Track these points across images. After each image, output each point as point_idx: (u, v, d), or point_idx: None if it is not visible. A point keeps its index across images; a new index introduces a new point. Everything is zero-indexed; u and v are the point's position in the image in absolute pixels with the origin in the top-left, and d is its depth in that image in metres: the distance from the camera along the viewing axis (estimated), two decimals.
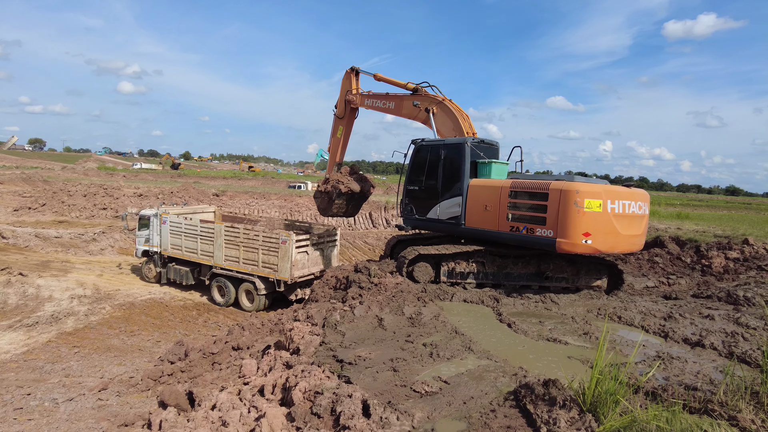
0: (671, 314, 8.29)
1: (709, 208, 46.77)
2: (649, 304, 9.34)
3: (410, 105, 11.90)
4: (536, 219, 9.12)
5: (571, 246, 8.73)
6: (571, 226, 8.65)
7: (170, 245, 18.23)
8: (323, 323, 6.82)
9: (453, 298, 9.01)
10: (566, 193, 8.69)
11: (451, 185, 10.47)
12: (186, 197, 33.10)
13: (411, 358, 5.69)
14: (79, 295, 15.51)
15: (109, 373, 10.33)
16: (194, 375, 8.46)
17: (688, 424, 3.80)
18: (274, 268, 15.47)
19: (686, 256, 14.41)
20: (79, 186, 33.82)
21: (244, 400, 5.23)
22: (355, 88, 13.38)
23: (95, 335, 12.95)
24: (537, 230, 9.08)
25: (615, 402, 4.04)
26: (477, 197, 10.04)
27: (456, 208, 10.34)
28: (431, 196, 10.82)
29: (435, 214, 10.75)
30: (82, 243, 22.75)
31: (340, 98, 13.73)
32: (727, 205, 59.55)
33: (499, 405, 4.56)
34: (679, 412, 3.96)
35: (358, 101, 13.33)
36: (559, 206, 8.73)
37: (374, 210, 33.06)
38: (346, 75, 13.60)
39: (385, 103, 12.70)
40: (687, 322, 7.95)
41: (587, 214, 8.61)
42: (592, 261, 10.27)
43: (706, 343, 6.80)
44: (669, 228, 19.10)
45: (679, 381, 5.35)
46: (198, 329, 14.54)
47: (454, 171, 10.42)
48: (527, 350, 6.48)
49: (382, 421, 4.05)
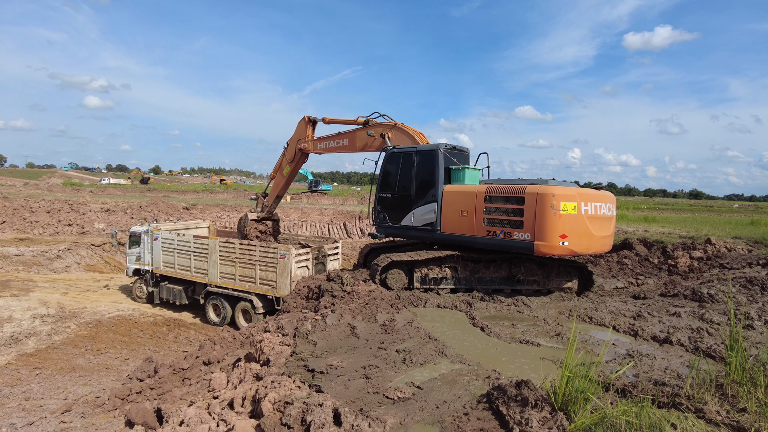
0: (640, 313, 8.45)
1: (674, 212, 48.25)
2: (619, 304, 9.50)
3: (364, 136, 12.19)
4: (513, 223, 9.19)
5: (549, 248, 8.84)
6: (548, 229, 8.77)
7: (162, 263, 17.53)
8: (294, 333, 6.69)
9: (426, 304, 8.98)
10: (543, 196, 8.81)
11: (425, 192, 10.42)
12: (155, 212, 32.37)
13: (384, 365, 5.62)
14: (42, 315, 14.90)
15: (74, 394, 9.94)
16: (163, 392, 8.20)
17: (656, 418, 3.84)
18: (272, 284, 14.78)
19: (653, 257, 14.77)
20: (42, 202, 32.71)
21: (213, 414, 5.07)
22: (310, 135, 13.94)
23: (59, 355, 12.45)
24: (514, 234, 9.15)
25: (586, 399, 4.06)
26: (452, 203, 10.03)
27: (431, 215, 10.29)
28: (405, 204, 10.74)
29: (409, 222, 10.67)
30: (45, 260, 21.94)
31: (292, 144, 14.41)
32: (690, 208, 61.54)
33: (472, 408, 4.53)
34: (648, 407, 4.00)
35: (311, 147, 13.88)
36: (536, 209, 8.84)
37: (348, 220, 32.95)
38: (302, 123, 14.09)
39: (338, 141, 13.06)
40: (655, 321, 8.11)
41: (563, 216, 8.76)
42: (562, 264, 10.41)
43: (673, 339, 6.94)
44: (637, 231, 19.57)
45: (649, 377, 5.43)
46: (168, 345, 14.15)
47: (428, 177, 10.38)
48: (500, 353, 6.49)
49: (354, 429, 3.96)
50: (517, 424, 4.01)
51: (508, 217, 9.29)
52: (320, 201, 50.25)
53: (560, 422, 3.88)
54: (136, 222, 28.40)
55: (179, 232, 17.44)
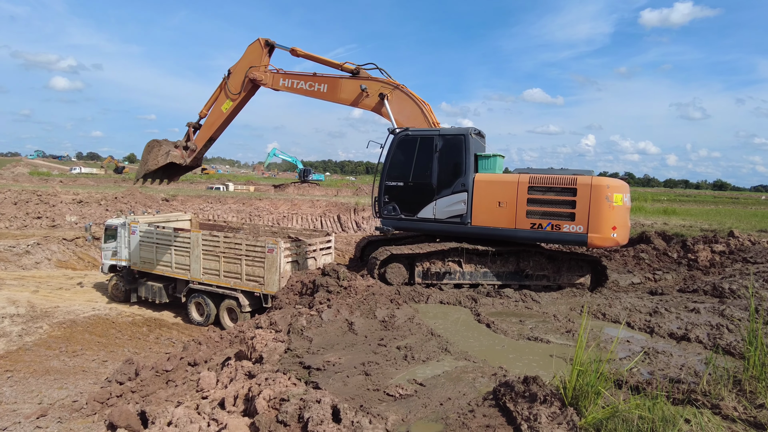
0: (657, 309, 8.64)
1: (696, 204, 48.60)
2: (635, 300, 9.71)
3: (353, 88, 11.26)
4: (563, 215, 9.46)
5: (602, 240, 9.33)
6: (603, 221, 9.23)
7: (140, 258, 17.51)
8: (288, 329, 6.85)
9: (428, 300, 9.16)
10: (597, 187, 9.22)
11: (451, 181, 10.29)
12: (132, 203, 32.42)
13: (384, 362, 5.78)
14: (11, 314, 14.99)
15: (49, 398, 10.07)
16: (146, 394, 8.36)
17: (670, 413, 4.02)
18: (259, 280, 14.69)
19: (672, 251, 14.97)
20: (8, 193, 32.72)
21: (203, 414, 5.23)
22: (264, 64, 12.27)
23: (31, 357, 12.57)
24: (564, 226, 9.44)
25: (597, 394, 4.24)
26: (486, 193, 10.02)
27: (459, 206, 10.20)
28: (423, 194, 10.54)
29: (430, 214, 10.49)
30: (13, 256, 21.99)
31: (239, 71, 12.44)
32: (714, 200, 61.96)
33: (478, 405, 4.70)
34: (662, 402, 4.17)
35: (269, 81, 12.21)
36: (590, 201, 9.24)
37: (342, 212, 33.09)
38: (254, 46, 12.34)
39: (312, 84, 11.72)
40: (673, 317, 8.31)
41: (615, 208, 9.26)
42: (574, 257, 10.60)
43: (691, 336, 7.14)
44: (655, 223, 19.80)
45: (664, 374, 5.62)
46: (149, 346, 14.28)
47: (455, 165, 10.25)
48: (507, 350, 6.66)
49: (354, 425, 4.12)
50: (525, 420, 4.18)
51: (557, 208, 9.52)
52: (311, 192, 50.38)
53: (570, 417, 4.05)
54: (111, 214, 28.46)
55: (159, 225, 17.52)
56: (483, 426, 4.29)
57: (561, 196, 9.50)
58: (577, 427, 3.94)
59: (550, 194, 9.59)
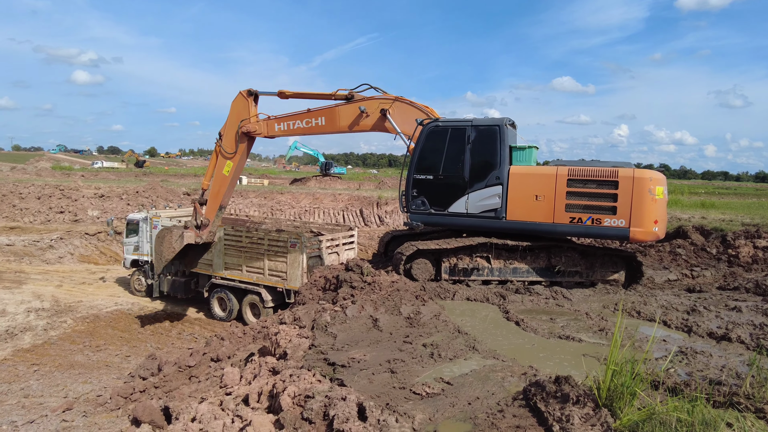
0: (695, 308, 8.48)
1: (737, 196, 47.30)
2: (671, 297, 9.53)
3: (351, 112, 11.06)
4: (604, 209, 9.39)
5: (644, 235, 9.30)
6: (646, 215, 9.17)
7: None
8: (312, 325, 6.92)
9: (455, 297, 9.15)
10: (640, 180, 9.14)
11: (485, 173, 10.16)
12: (154, 197, 33.02)
13: (410, 359, 5.80)
14: (37, 309, 15.49)
15: (74, 392, 10.38)
16: (170, 389, 8.55)
17: (710, 416, 3.94)
18: (282, 276, 14.97)
19: (711, 246, 14.63)
20: (32, 187, 33.64)
21: (227, 410, 5.32)
22: (254, 115, 11.98)
23: (56, 351, 12.98)
24: (605, 220, 9.37)
25: (632, 395, 4.18)
26: (522, 187, 9.92)
27: (494, 200, 10.07)
28: (454, 187, 10.40)
29: (462, 208, 10.35)
30: (37, 251, 22.67)
31: (229, 129, 12.21)
32: (756, 193, 60.23)
33: (507, 405, 4.68)
34: (702, 405, 4.09)
35: (263, 129, 11.96)
36: (632, 194, 9.17)
37: (365, 206, 33.17)
38: (238, 100, 12.08)
39: (309, 121, 11.49)
40: (712, 316, 8.15)
41: (657, 201, 9.21)
42: (608, 253, 10.45)
43: (732, 336, 6.98)
44: (693, 217, 19.36)
45: (703, 376, 5.51)
46: (171, 342, 14.60)
47: (489, 157, 10.12)
48: (537, 349, 6.62)
49: (380, 423, 4.15)
50: (557, 421, 4.15)
51: (597, 202, 9.45)
52: (333, 185, 50.57)
53: (604, 419, 4.01)
54: (133, 209, 29.08)
55: (180, 220, 17.81)
56: (513, 427, 4.28)
57: (602, 189, 9.39)
58: (611, 429, 3.90)
59: (591, 187, 9.47)
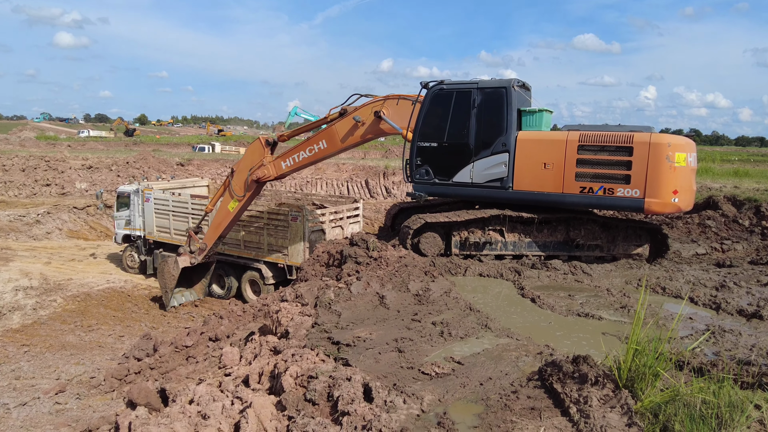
0: (724, 283, 8.49)
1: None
2: (699, 272, 9.54)
3: (347, 125, 11.30)
4: (617, 177, 9.24)
5: (661, 206, 9.14)
6: (663, 184, 8.97)
7: (156, 227, 17.94)
8: (315, 303, 6.98)
9: (466, 272, 9.19)
10: (657, 146, 8.92)
11: (491, 140, 10.07)
12: (145, 168, 33.12)
13: (418, 338, 5.87)
14: (25, 287, 15.69)
15: (66, 373, 10.59)
16: (166, 371, 8.71)
17: (738, 398, 3.97)
18: (283, 251, 15.03)
19: (744, 218, 14.54)
20: (15, 159, 33.78)
21: (226, 392, 5.41)
22: (269, 158, 12.55)
23: (47, 331, 13.19)
24: (618, 190, 9.23)
25: (655, 376, 4.22)
26: (530, 154, 9.83)
27: (500, 168, 10.00)
28: (459, 155, 10.37)
29: (467, 177, 10.33)
30: (23, 226, 22.88)
31: (241, 172, 12.89)
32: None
33: (522, 386, 4.74)
34: (729, 386, 4.12)
35: (272, 172, 12.53)
36: (648, 162, 8.96)
37: (371, 177, 33.14)
38: (256, 146, 12.82)
39: (312, 148, 11.92)
40: (743, 292, 8.16)
41: (677, 169, 8.97)
42: (631, 225, 10.42)
43: (764, 314, 7.01)
44: (724, 187, 19.20)
45: (731, 356, 5.54)
46: (167, 321, 14.80)
47: (495, 122, 10.02)
48: (554, 327, 6.67)
49: (387, 405, 4.22)
50: (574, 402, 4.20)
51: (610, 170, 9.30)
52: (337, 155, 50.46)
53: (625, 401, 4.05)
54: (123, 180, 29.17)
55: (174, 192, 17.85)
56: (527, 408, 4.34)
57: (615, 155, 9.23)
58: (632, 411, 3.93)
59: (603, 154, 9.33)
